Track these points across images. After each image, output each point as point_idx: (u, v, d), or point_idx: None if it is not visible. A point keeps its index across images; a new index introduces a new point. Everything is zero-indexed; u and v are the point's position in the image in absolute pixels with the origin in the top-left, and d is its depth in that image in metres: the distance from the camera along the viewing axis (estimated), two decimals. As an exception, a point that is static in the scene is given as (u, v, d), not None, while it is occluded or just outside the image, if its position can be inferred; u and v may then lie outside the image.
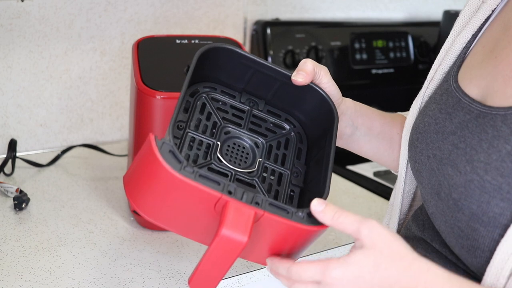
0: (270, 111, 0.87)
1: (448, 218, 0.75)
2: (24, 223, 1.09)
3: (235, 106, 0.85)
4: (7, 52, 1.34)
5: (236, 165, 0.79)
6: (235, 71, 0.84)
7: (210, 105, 0.83)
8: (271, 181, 0.80)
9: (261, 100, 0.87)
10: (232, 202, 0.66)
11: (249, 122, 0.84)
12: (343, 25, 1.79)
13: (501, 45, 0.78)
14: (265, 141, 0.83)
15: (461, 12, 0.87)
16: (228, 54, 0.81)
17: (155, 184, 0.67)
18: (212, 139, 0.80)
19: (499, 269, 0.68)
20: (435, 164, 0.77)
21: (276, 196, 0.79)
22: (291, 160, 0.83)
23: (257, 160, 0.81)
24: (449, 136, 0.76)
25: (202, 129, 0.80)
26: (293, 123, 0.87)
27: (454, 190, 0.73)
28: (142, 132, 1.07)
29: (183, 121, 0.79)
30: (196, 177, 0.65)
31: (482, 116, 0.73)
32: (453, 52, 0.84)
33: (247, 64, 0.82)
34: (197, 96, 0.84)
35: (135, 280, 0.95)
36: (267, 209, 0.67)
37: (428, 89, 0.87)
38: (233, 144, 0.81)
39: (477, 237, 0.71)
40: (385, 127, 0.95)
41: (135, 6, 1.47)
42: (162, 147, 0.66)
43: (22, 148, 1.40)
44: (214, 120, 0.82)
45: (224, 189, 0.66)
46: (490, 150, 0.70)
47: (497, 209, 0.68)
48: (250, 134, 0.83)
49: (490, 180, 0.69)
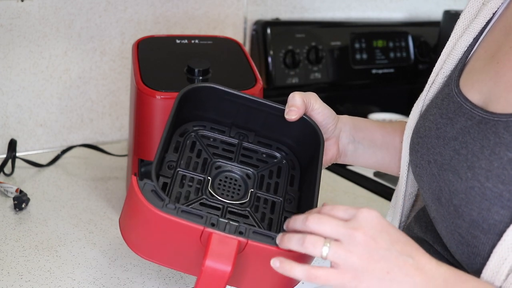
0: (260, 142, 0.89)
1: (448, 224, 0.74)
2: (24, 223, 1.09)
3: (225, 141, 0.88)
4: (7, 52, 1.34)
5: (228, 198, 0.82)
6: (221, 107, 0.86)
7: (200, 143, 0.86)
8: (264, 210, 0.82)
9: (251, 132, 0.89)
10: (215, 234, 0.69)
11: (240, 155, 0.87)
12: (343, 25, 1.79)
13: (503, 50, 0.77)
14: (257, 172, 0.86)
15: (461, 15, 0.86)
16: (210, 92, 0.84)
17: (142, 223, 0.71)
18: (203, 175, 0.83)
19: (494, 272, 0.68)
20: (435, 169, 0.77)
21: (270, 224, 0.81)
22: (284, 187, 0.85)
23: (249, 191, 0.83)
24: (450, 141, 0.76)
25: (193, 166, 0.83)
26: (284, 150, 0.89)
27: (454, 196, 0.72)
28: (142, 132, 1.07)
29: (174, 161, 0.82)
30: (178, 213, 0.69)
31: (484, 122, 0.73)
32: (454, 56, 0.84)
33: (231, 99, 0.84)
34: (187, 135, 0.87)
35: (135, 280, 0.95)
36: (251, 237, 0.69)
37: (429, 93, 0.87)
38: (225, 177, 0.84)
39: (477, 244, 0.71)
40: (387, 137, 0.95)
41: (135, 6, 1.47)
42: (144, 187, 0.70)
43: (22, 148, 1.40)
44: (204, 157, 0.85)
45: (207, 222, 0.69)
46: (492, 157, 0.69)
47: (497, 217, 0.68)
48: (241, 166, 0.86)
49: (491, 187, 0.68)
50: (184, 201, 0.79)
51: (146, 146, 1.07)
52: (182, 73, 1.08)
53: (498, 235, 0.68)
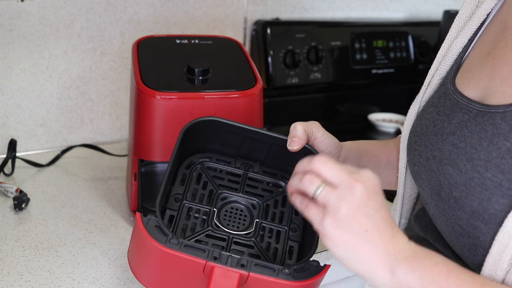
0: (265, 171, 0.90)
1: (449, 218, 0.75)
2: (24, 223, 1.09)
3: (230, 172, 0.89)
4: (7, 52, 1.34)
5: (234, 228, 0.83)
6: (225, 139, 0.87)
7: (206, 175, 0.88)
8: (269, 240, 0.83)
9: (256, 162, 0.90)
10: (217, 267, 0.71)
11: (245, 185, 0.88)
12: (343, 25, 1.79)
13: (499, 46, 0.78)
14: (262, 202, 0.87)
15: (456, 17, 0.87)
16: (213, 125, 0.85)
17: (148, 257, 0.74)
18: (208, 206, 0.85)
19: (496, 261, 0.68)
20: (435, 165, 0.77)
21: (275, 253, 0.82)
22: (289, 216, 0.87)
23: (254, 221, 0.84)
24: (448, 136, 0.77)
25: (199, 198, 0.85)
26: (289, 179, 0.89)
27: (455, 189, 0.73)
28: (142, 132, 1.07)
29: (180, 193, 0.84)
30: (181, 248, 0.72)
31: (481, 115, 0.74)
32: (450, 57, 0.85)
33: (233, 131, 0.86)
34: (193, 167, 0.88)
35: (135, 280, 0.94)
36: (253, 270, 0.72)
37: (426, 94, 0.88)
38: (230, 208, 0.86)
39: (478, 235, 0.71)
40: (391, 156, 0.96)
41: (135, 6, 1.47)
42: (148, 223, 0.73)
43: (22, 148, 1.40)
44: (210, 188, 0.87)
45: (209, 256, 0.72)
46: (490, 148, 0.70)
47: (497, 206, 0.68)
48: (246, 197, 0.87)
49: (490, 178, 0.69)
50: (191, 233, 0.81)
51: (146, 146, 1.07)
52: (182, 73, 1.08)
53: (498, 224, 0.69)
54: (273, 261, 0.81)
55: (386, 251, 0.66)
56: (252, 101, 1.08)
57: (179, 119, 1.01)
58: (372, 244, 0.66)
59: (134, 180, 1.10)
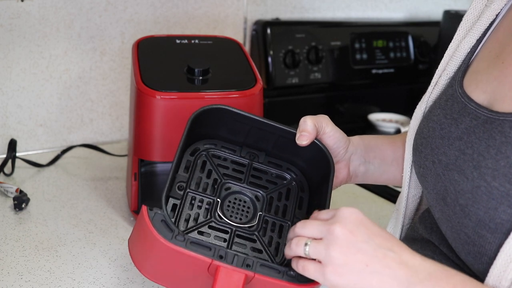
0: (271, 162, 0.89)
1: (454, 224, 0.74)
2: (24, 223, 1.09)
3: (235, 161, 0.88)
4: (7, 52, 1.34)
5: (237, 220, 0.83)
6: (232, 127, 0.86)
7: (211, 162, 0.87)
8: (272, 234, 0.83)
9: (262, 152, 0.89)
10: (223, 266, 0.71)
11: (250, 176, 0.87)
12: (343, 25, 1.79)
13: (507, 50, 0.77)
14: (266, 194, 0.86)
15: (464, 16, 0.85)
16: (222, 113, 0.84)
17: (151, 251, 0.73)
18: (212, 196, 0.83)
19: (501, 271, 0.67)
20: (440, 169, 0.76)
21: (277, 248, 0.81)
22: (293, 210, 0.86)
23: (258, 214, 0.84)
24: (455, 141, 0.75)
25: (203, 187, 0.84)
26: (295, 171, 0.90)
27: (461, 196, 0.72)
28: (142, 132, 1.07)
29: (184, 181, 0.83)
30: (187, 245, 0.71)
31: (489, 121, 0.72)
32: (458, 57, 0.84)
33: (242, 121, 0.85)
34: (197, 154, 0.87)
35: (135, 280, 0.95)
36: (258, 271, 0.71)
37: (433, 94, 0.86)
38: (234, 199, 0.85)
39: (483, 244, 0.70)
40: (397, 152, 0.95)
41: (135, 6, 1.47)
42: (154, 218, 0.71)
43: (22, 148, 1.40)
44: (214, 177, 0.85)
45: (215, 254, 0.71)
46: (498, 156, 0.69)
47: (504, 216, 0.68)
48: (250, 188, 0.86)
49: (497, 187, 0.68)
50: (194, 224, 0.80)
51: (146, 146, 1.07)
52: (182, 73, 1.08)
53: (505, 234, 0.68)
54: (275, 256, 0.80)
55: (395, 277, 0.65)
56: (252, 101, 1.08)
57: (179, 119, 1.01)
58: (378, 274, 0.65)
59: (134, 180, 1.10)
